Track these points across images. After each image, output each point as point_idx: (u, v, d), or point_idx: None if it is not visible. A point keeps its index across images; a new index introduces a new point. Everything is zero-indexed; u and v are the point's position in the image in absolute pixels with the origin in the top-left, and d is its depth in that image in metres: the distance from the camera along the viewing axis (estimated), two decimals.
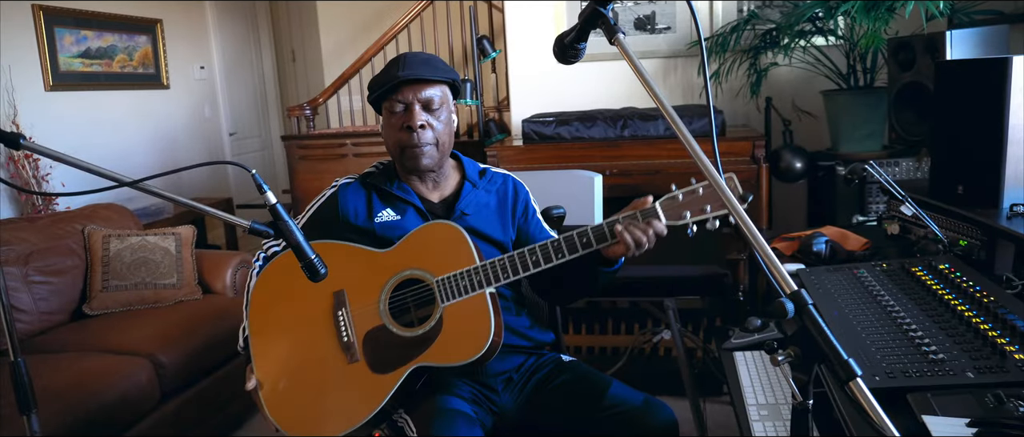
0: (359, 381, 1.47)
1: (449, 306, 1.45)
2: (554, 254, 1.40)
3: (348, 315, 1.51)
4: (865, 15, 2.77)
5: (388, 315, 1.49)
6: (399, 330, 1.48)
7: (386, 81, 1.54)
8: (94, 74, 4.74)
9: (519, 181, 1.71)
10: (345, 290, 1.53)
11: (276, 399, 1.51)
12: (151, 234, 3.04)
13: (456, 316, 1.45)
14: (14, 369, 1.16)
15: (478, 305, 1.44)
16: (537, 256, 1.41)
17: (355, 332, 1.50)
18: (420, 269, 1.49)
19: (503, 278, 1.42)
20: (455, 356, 1.43)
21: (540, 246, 1.41)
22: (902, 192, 1.83)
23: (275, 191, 1.16)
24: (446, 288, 1.45)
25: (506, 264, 1.42)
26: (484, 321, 1.42)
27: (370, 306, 1.50)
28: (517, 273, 1.42)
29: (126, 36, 4.99)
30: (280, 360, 1.53)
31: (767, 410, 1.30)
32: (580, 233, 1.39)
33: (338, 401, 1.48)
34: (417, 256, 1.50)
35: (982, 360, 1.12)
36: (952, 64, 2.10)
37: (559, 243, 1.40)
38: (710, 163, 0.88)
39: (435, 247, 1.49)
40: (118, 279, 2.89)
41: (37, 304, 2.72)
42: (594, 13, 1.04)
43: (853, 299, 1.44)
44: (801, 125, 3.70)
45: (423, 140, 1.54)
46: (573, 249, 1.39)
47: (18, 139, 1.05)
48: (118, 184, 1.08)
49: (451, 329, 1.45)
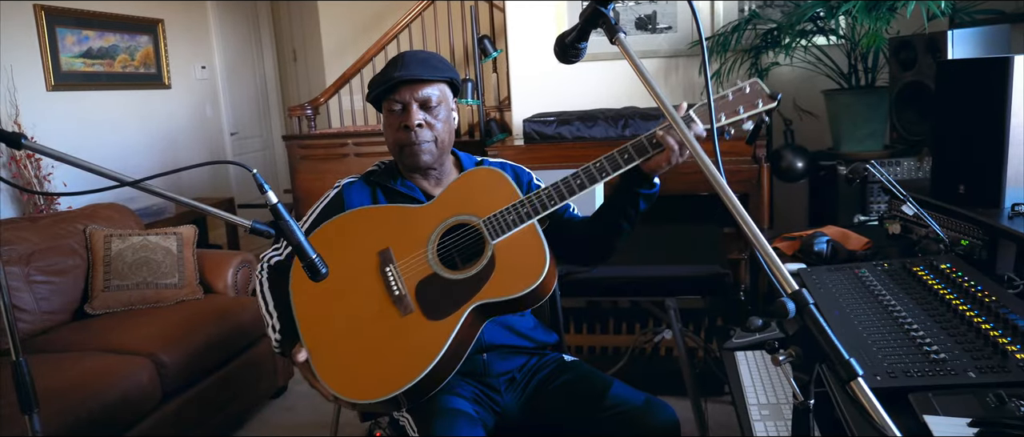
0: (416, 331, 1.43)
1: (499, 242, 1.44)
2: (598, 173, 1.39)
3: (396, 270, 1.48)
4: (866, 15, 2.76)
5: (438, 262, 1.47)
6: (451, 274, 1.45)
7: (384, 81, 1.55)
8: (95, 74, 4.75)
9: (518, 165, 1.71)
10: (390, 248, 1.50)
11: (331, 365, 1.46)
12: (152, 234, 3.05)
13: (508, 251, 1.44)
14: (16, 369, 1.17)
15: (529, 236, 1.43)
16: (581, 178, 1.40)
17: (405, 284, 1.46)
18: (465, 214, 1.48)
19: (550, 206, 1.42)
20: (513, 288, 1.41)
21: (582, 169, 1.40)
22: (903, 192, 1.83)
23: (276, 191, 1.16)
24: (494, 226, 1.44)
25: (551, 192, 1.42)
26: (538, 250, 1.42)
27: (418, 258, 1.48)
28: (563, 198, 1.41)
29: (127, 36, 5.00)
30: (330, 327, 1.49)
31: (768, 410, 1.30)
32: (621, 150, 1.38)
33: (396, 355, 1.43)
34: (459, 203, 1.49)
35: (984, 360, 1.12)
36: (953, 64, 2.10)
37: (601, 162, 1.39)
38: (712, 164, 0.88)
39: (476, 191, 1.49)
40: (119, 279, 2.89)
41: (39, 304, 2.72)
42: (595, 13, 1.04)
43: (854, 299, 1.44)
44: (802, 125, 3.70)
45: (421, 139, 1.55)
46: (616, 165, 1.39)
47: (20, 139, 1.05)
48: (119, 184, 1.08)
49: (504, 264, 1.43)
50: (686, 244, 2.73)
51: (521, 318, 1.61)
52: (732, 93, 1.36)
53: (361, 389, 1.42)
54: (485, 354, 1.57)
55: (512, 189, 1.47)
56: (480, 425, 1.44)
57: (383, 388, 1.39)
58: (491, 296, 1.42)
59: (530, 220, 1.43)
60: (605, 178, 1.39)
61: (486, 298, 1.42)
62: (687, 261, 2.43)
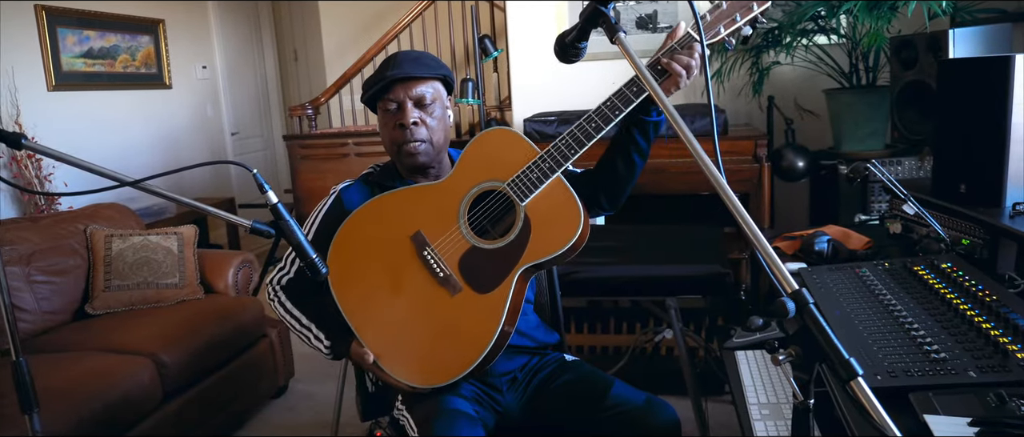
0: (471, 308, 1.44)
1: (529, 202, 1.44)
2: (611, 112, 1.39)
3: (434, 251, 1.48)
4: (867, 14, 2.76)
5: (473, 235, 1.47)
6: (490, 244, 1.46)
7: (377, 81, 1.55)
8: (96, 74, 4.75)
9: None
10: (421, 230, 1.50)
11: (400, 361, 1.48)
12: (153, 234, 3.05)
13: (540, 209, 1.43)
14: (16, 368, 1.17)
15: (558, 190, 1.43)
16: (595, 121, 1.39)
17: (448, 264, 1.47)
18: (487, 180, 1.48)
19: (571, 155, 1.41)
20: (555, 244, 1.41)
21: (595, 110, 1.39)
22: (904, 191, 1.83)
23: (277, 191, 1.16)
24: (519, 187, 1.44)
25: (568, 140, 1.41)
26: (569, 202, 1.42)
27: (453, 234, 1.48)
28: (582, 145, 1.41)
29: (128, 36, 5.00)
30: (385, 323, 1.49)
31: (768, 409, 1.30)
32: (628, 82, 1.38)
33: (459, 336, 1.44)
34: (479, 170, 1.49)
35: (984, 359, 1.12)
36: (955, 63, 2.09)
37: (611, 101, 1.39)
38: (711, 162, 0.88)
39: (493, 154, 1.48)
40: (120, 279, 2.89)
41: (39, 304, 2.72)
42: (595, 12, 1.04)
43: (855, 298, 1.44)
44: (803, 124, 3.70)
45: (417, 137, 1.55)
46: (626, 101, 1.38)
47: (20, 139, 1.05)
48: (120, 184, 1.08)
49: (540, 223, 1.43)
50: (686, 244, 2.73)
51: (523, 317, 1.61)
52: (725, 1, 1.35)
53: (435, 375, 1.44)
54: None
55: (526, 145, 1.46)
56: (480, 425, 1.44)
57: (451, 370, 1.42)
58: (535, 258, 1.42)
59: (554, 174, 1.42)
60: (618, 116, 1.39)
61: (531, 260, 1.42)
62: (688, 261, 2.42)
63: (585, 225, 1.41)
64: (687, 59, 1.35)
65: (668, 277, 2.33)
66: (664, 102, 0.96)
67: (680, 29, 1.38)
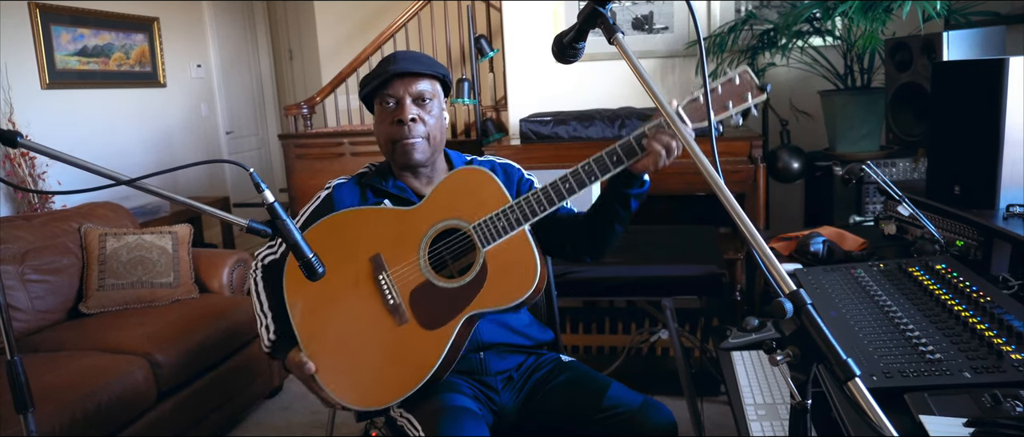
0: (413, 341, 1.44)
1: (490, 249, 1.43)
2: (586, 177, 1.38)
3: (389, 278, 1.48)
4: (862, 16, 2.77)
5: (430, 269, 1.47)
6: (444, 283, 1.46)
7: (377, 75, 1.55)
8: (90, 72, 4.73)
9: (508, 162, 1.71)
10: (381, 253, 1.50)
11: (332, 374, 1.48)
12: (148, 233, 3.04)
13: (499, 258, 1.43)
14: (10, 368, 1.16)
15: (520, 243, 1.43)
16: (570, 182, 1.39)
17: (400, 293, 1.47)
18: (454, 218, 1.47)
19: (540, 211, 1.41)
20: (506, 298, 1.41)
21: (571, 172, 1.39)
22: (899, 192, 1.84)
23: (272, 190, 1.16)
24: (484, 232, 1.44)
25: (540, 197, 1.41)
26: (529, 258, 1.42)
27: (410, 264, 1.48)
28: (553, 203, 1.40)
29: (123, 34, 4.98)
30: (329, 338, 1.49)
31: (765, 410, 1.30)
32: (609, 151, 1.37)
33: (395, 365, 1.45)
34: (448, 206, 1.48)
35: (979, 360, 1.12)
36: (949, 65, 2.10)
37: (590, 164, 1.38)
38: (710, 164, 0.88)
39: (465, 193, 1.48)
40: (114, 278, 2.88)
41: (33, 303, 2.71)
42: (593, 13, 1.04)
43: (850, 299, 1.44)
44: (798, 125, 3.71)
45: (414, 134, 1.55)
46: (604, 168, 1.38)
47: (15, 137, 1.05)
48: (115, 182, 1.07)
49: (496, 272, 1.43)
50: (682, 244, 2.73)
51: (516, 315, 1.61)
52: (722, 86, 1.35)
53: (363, 397, 1.46)
54: (482, 353, 1.57)
55: (500, 192, 1.46)
56: (483, 422, 1.44)
57: (384, 397, 1.44)
58: (483, 306, 1.43)
59: (520, 227, 1.43)
60: (594, 182, 1.39)
61: (479, 308, 1.43)
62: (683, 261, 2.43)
63: (539, 283, 1.41)
64: (669, 140, 1.33)
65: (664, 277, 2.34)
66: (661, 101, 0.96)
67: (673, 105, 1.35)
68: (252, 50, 6.63)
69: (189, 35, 5.68)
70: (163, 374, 2.44)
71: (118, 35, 4.94)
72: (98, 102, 4.77)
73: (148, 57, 5.21)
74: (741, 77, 1.34)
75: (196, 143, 5.72)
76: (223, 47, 6.11)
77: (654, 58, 3.99)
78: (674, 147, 1.34)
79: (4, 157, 4.01)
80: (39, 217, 3.00)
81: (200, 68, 5.83)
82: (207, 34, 5.92)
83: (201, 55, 5.85)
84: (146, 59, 5.20)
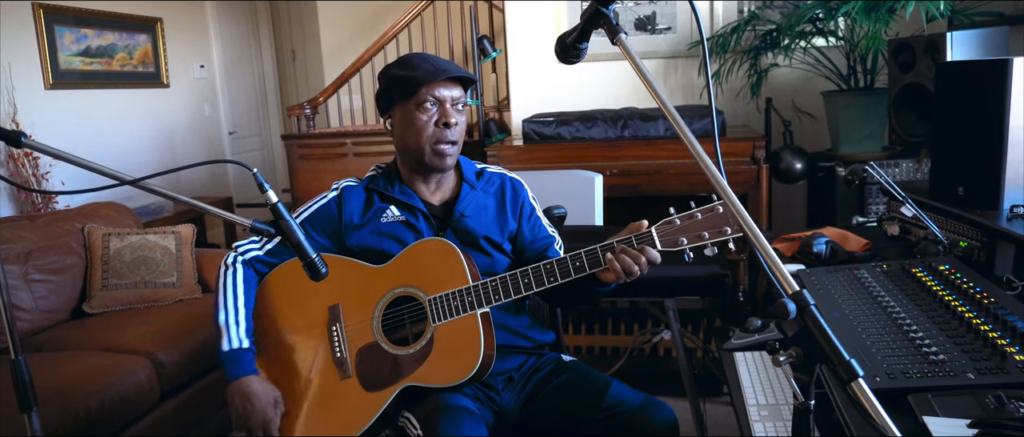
0: (351, 398, 1.49)
1: (440, 326, 1.46)
2: (546, 277, 1.41)
3: (342, 330, 1.52)
4: (865, 16, 2.77)
5: (381, 332, 1.50)
6: (391, 348, 1.49)
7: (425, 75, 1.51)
8: (94, 72, 4.74)
9: (517, 179, 1.70)
10: (340, 304, 1.54)
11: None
12: (151, 233, 3.04)
13: (446, 336, 1.46)
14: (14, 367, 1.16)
15: (469, 326, 1.44)
16: (529, 279, 1.42)
17: (348, 348, 1.51)
18: (413, 286, 1.50)
19: (495, 300, 1.43)
20: (444, 377, 1.44)
21: (533, 268, 1.41)
22: (902, 193, 1.83)
23: (275, 190, 1.16)
24: (438, 308, 1.46)
25: (498, 286, 1.43)
26: (474, 344, 1.43)
27: (364, 322, 1.51)
28: (509, 295, 1.43)
29: (126, 35, 5.00)
30: (277, 372, 1.54)
31: (767, 410, 1.30)
32: (573, 256, 1.39)
33: (331, 416, 1.49)
34: (411, 273, 1.50)
35: (983, 361, 1.12)
36: (952, 65, 2.10)
37: (552, 266, 1.40)
38: (713, 165, 0.88)
39: (429, 264, 1.49)
40: (118, 278, 2.88)
41: (37, 302, 2.72)
42: (596, 13, 1.04)
43: (853, 300, 1.44)
44: (801, 126, 3.71)
45: (455, 138, 1.55)
46: (565, 273, 1.40)
47: (19, 137, 1.05)
48: (118, 182, 1.07)
49: (441, 349, 1.46)
50: None
51: (516, 318, 1.61)
52: (701, 213, 1.34)
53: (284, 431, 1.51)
54: None
55: (462, 271, 1.46)
56: (482, 422, 1.44)
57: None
58: (422, 381, 1.46)
59: (472, 310, 1.44)
60: (552, 283, 1.41)
61: (416, 382, 1.46)
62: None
63: (479, 371, 1.43)
64: (630, 263, 1.34)
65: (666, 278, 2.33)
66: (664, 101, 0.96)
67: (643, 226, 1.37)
68: (255, 50, 6.64)
69: (192, 35, 5.69)
70: (166, 374, 2.44)
71: (121, 35, 4.95)
72: (102, 102, 4.79)
73: (151, 57, 5.23)
74: (724, 208, 1.33)
75: (199, 143, 5.73)
76: (226, 47, 6.12)
77: (657, 58, 3.99)
78: (635, 270, 1.35)
79: (8, 157, 4.03)
80: (43, 217, 3.00)
81: (203, 68, 5.84)
82: (210, 34, 5.93)
83: (204, 55, 5.87)
84: (149, 59, 5.21)
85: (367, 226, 1.59)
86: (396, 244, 1.56)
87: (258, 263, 1.61)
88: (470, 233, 1.57)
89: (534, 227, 1.67)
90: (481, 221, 1.60)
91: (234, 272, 1.58)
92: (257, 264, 1.61)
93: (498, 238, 1.61)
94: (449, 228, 1.58)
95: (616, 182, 3.24)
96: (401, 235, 1.57)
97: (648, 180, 3.24)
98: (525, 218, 1.66)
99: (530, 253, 1.64)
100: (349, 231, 1.59)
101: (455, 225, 1.58)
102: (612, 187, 3.20)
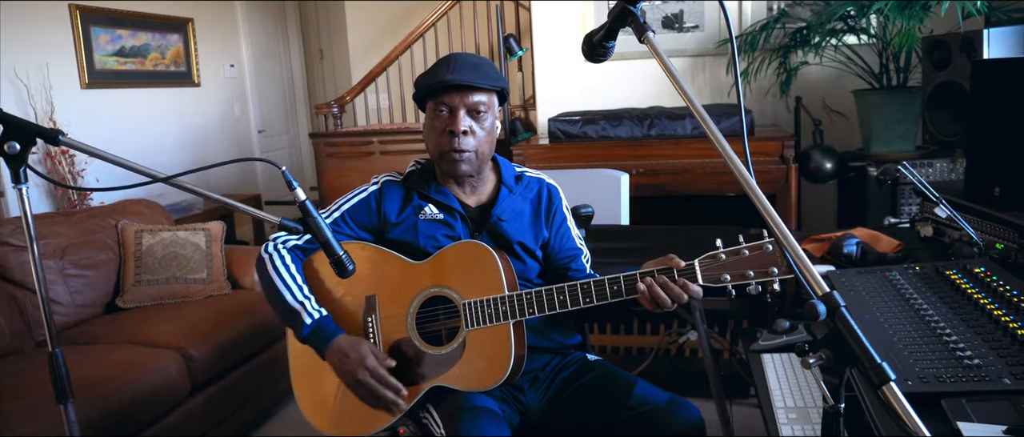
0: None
1: (472, 332, 1.47)
2: (582, 297, 1.41)
3: (377, 322, 1.53)
4: (899, 13, 2.71)
5: (415, 328, 1.51)
6: (423, 346, 1.50)
7: (433, 82, 1.50)
8: (128, 72, 4.84)
9: (554, 186, 1.67)
10: (376, 296, 1.54)
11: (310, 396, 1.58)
12: (182, 229, 3.09)
13: (478, 342, 1.46)
14: (51, 359, 1.19)
15: (501, 336, 1.45)
16: (565, 297, 1.41)
17: (382, 341, 1.52)
18: (449, 288, 1.50)
19: (528, 313, 1.44)
20: (473, 382, 1.45)
21: (569, 287, 1.41)
22: (936, 193, 1.80)
23: (303, 188, 1.17)
24: (471, 313, 1.46)
25: (533, 300, 1.43)
26: (504, 353, 1.44)
27: (398, 316, 1.52)
28: (543, 311, 1.43)
29: (159, 35, 5.09)
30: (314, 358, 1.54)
31: (796, 413, 1.29)
32: (611, 280, 1.38)
33: (360, 405, 1.50)
34: (449, 274, 1.51)
35: (1019, 366, 1.09)
36: (989, 63, 2.05)
37: (589, 287, 1.40)
38: (742, 164, 0.87)
39: (467, 267, 1.49)
40: (150, 273, 2.94)
41: (73, 297, 2.78)
42: (624, 11, 1.04)
43: (885, 302, 1.41)
44: (832, 125, 3.65)
45: (463, 146, 1.50)
46: (602, 297, 1.40)
47: (57, 135, 1.07)
48: (151, 180, 1.09)
49: (472, 354, 1.46)
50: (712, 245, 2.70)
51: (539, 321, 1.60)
52: (749, 250, 1.30)
53: (333, 427, 1.54)
54: None
55: (499, 279, 1.46)
56: (505, 423, 1.44)
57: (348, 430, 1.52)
58: (451, 383, 1.47)
59: (506, 320, 1.44)
60: (587, 305, 1.40)
61: (445, 383, 1.47)
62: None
63: (508, 378, 1.44)
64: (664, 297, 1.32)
65: None
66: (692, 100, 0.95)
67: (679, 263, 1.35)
68: (284, 50, 6.72)
69: (222, 35, 5.78)
70: (196, 368, 2.48)
71: (154, 36, 5.04)
72: (135, 101, 4.88)
73: (183, 57, 5.32)
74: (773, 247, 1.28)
75: (229, 141, 5.82)
76: (255, 47, 6.20)
77: (684, 57, 3.96)
78: (669, 304, 1.33)
79: (45, 155, 4.12)
80: (78, 213, 3.07)
81: (233, 68, 5.93)
82: (240, 34, 6.01)
83: (234, 55, 5.95)
84: (181, 59, 5.30)
85: (405, 222, 1.59)
86: (432, 242, 1.56)
87: (298, 250, 1.60)
88: (505, 237, 1.57)
89: (562, 238, 1.65)
90: (517, 227, 1.59)
91: (280, 256, 1.56)
92: (297, 251, 1.61)
93: (532, 245, 1.60)
94: (484, 230, 1.58)
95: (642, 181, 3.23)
96: (438, 234, 1.56)
97: (675, 179, 3.22)
98: (555, 228, 1.64)
99: (554, 263, 1.63)
100: (388, 226, 1.60)
101: (491, 228, 1.57)
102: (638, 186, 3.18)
